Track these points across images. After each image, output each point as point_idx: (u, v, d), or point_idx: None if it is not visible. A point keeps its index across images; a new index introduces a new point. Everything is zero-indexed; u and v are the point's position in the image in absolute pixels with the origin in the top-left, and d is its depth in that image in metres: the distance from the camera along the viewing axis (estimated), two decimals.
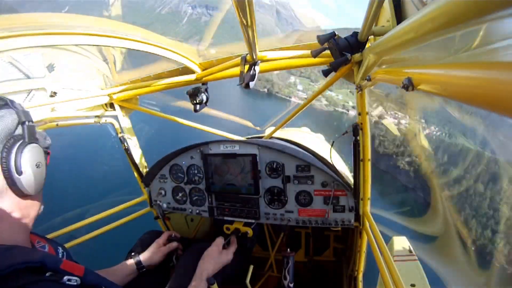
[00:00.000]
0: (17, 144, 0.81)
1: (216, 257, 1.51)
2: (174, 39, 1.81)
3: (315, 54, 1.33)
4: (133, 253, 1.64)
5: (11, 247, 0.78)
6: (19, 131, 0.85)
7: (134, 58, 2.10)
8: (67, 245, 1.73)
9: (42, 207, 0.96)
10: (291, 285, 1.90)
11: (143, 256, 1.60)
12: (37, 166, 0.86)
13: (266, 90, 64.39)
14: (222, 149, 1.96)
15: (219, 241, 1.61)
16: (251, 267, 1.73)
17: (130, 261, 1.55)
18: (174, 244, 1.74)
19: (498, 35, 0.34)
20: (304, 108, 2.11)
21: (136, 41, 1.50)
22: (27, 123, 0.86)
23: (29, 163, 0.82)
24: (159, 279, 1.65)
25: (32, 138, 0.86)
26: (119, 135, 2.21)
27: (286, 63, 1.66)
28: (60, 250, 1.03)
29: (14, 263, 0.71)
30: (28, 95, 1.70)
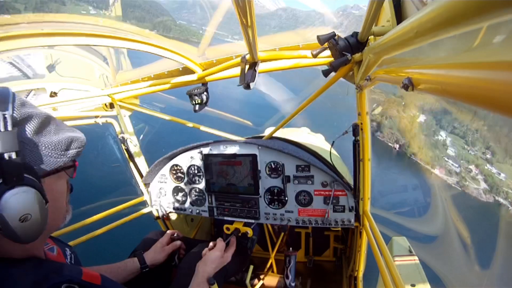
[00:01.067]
0: None
1: (217, 262, 1.50)
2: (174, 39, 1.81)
3: (315, 54, 1.33)
4: (137, 252, 1.64)
5: (41, 261, 0.76)
6: None
7: (134, 58, 2.10)
8: None
9: (68, 216, 0.84)
10: (293, 284, 1.91)
11: (147, 255, 1.60)
12: (22, 220, 0.60)
13: (397, 146, 33.98)
14: (222, 149, 1.96)
15: (221, 245, 1.59)
16: (251, 267, 1.73)
17: (134, 260, 1.55)
18: (177, 243, 1.73)
19: (498, 35, 0.34)
20: (304, 108, 2.11)
21: (136, 41, 1.50)
22: (6, 156, 0.57)
23: (7, 220, 0.58)
24: (161, 278, 1.65)
25: (13, 179, 0.59)
26: (119, 135, 2.21)
27: (286, 63, 1.67)
28: (68, 252, 1.02)
29: (55, 281, 0.69)
30: (28, 95, 1.70)
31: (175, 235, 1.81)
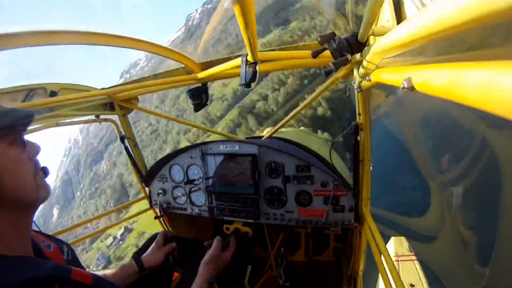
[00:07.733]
0: None
1: (214, 261, 1.50)
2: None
3: (315, 55, 1.33)
4: (134, 255, 1.64)
5: (19, 258, 0.73)
6: None
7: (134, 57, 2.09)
8: None
9: (41, 192, 0.80)
10: (287, 284, 1.91)
11: (144, 258, 1.60)
12: None
13: None
14: (222, 149, 1.96)
15: (216, 245, 1.59)
16: (249, 268, 1.73)
17: (132, 263, 1.55)
18: (174, 244, 1.74)
19: (498, 35, 0.34)
20: (304, 108, 2.11)
21: (136, 40, 1.50)
22: None
23: None
24: (160, 280, 1.65)
25: None
26: (119, 135, 2.21)
27: (286, 63, 1.67)
28: (65, 249, 1.02)
29: (26, 277, 0.66)
30: (28, 95, 1.70)
31: (168, 235, 1.81)
